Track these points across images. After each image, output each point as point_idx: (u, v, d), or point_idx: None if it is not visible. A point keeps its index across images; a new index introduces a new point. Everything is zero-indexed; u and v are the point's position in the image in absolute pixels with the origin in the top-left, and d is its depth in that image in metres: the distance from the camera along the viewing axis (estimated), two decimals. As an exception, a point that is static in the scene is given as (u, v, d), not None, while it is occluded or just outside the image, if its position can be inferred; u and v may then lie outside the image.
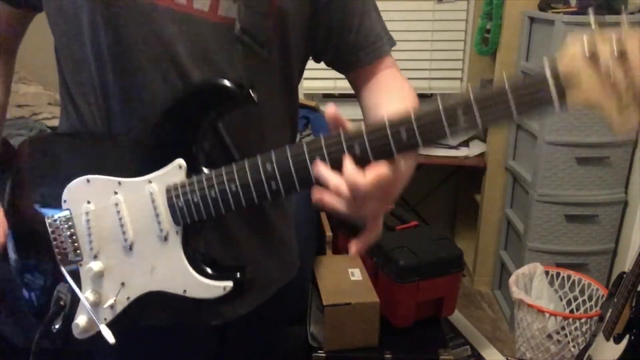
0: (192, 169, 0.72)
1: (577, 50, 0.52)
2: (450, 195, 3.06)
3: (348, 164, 0.61)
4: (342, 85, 2.77)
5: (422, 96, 2.86)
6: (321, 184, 0.62)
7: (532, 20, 2.22)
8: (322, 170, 0.62)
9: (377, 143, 0.61)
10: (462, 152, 2.56)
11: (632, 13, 1.90)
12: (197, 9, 0.74)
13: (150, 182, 0.73)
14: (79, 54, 0.76)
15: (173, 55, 0.74)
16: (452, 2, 2.69)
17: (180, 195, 0.71)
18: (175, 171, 0.72)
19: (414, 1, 2.68)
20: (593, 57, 0.50)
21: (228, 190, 0.68)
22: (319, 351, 1.75)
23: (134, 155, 0.75)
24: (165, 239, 0.73)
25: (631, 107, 0.50)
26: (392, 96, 0.84)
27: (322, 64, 0.93)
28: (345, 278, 1.86)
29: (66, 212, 0.77)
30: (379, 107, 0.82)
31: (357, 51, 0.87)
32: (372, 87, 0.88)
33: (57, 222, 0.78)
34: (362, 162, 0.61)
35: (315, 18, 0.83)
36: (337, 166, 0.62)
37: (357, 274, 1.89)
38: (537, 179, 2.10)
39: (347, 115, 0.65)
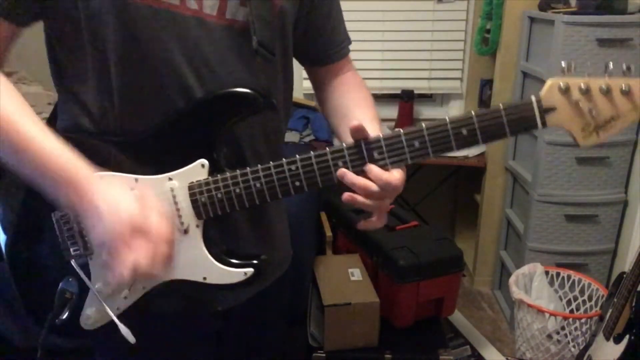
0: (214, 169, 0.79)
1: (555, 85, 0.71)
2: (450, 195, 3.06)
3: (375, 167, 0.76)
4: (342, 85, 2.77)
5: (422, 96, 2.86)
6: (345, 184, 0.76)
7: (532, 20, 2.22)
8: (349, 173, 0.76)
9: (395, 149, 0.76)
10: (462, 152, 2.56)
11: (632, 13, 1.91)
12: (207, 13, 0.78)
13: (170, 179, 0.78)
14: (94, 59, 0.78)
15: (189, 58, 0.78)
16: (452, 2, 2.69)
17: (205, 192, 0.78)
18: (197, 170, 0.78)
19: (414, 1, 2.68)
20: (567, 91, 0.70)
21: (253, 188, 0.77)
22: (319, 351, 1.75)
23: (151, 154, 0.79)
24: (186, 231, 0.79)
25: (593, 134, 0.72)
26: (363, 104, 0.96)
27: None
28: (345, 278, 1.87)
29: None
30: (350, 111, 0.94)
31: (327, 50, 0.97)
32: (339, 87, 0.99)
33: (65, 217, 0.80)
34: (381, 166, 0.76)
35: (299, 15, 0.90)
36: (357, 169, 0.76)
37: (357, 274, 1.89)
38: (537, 179, 2.11)
39: None
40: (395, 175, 0.76)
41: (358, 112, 0.92)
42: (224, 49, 0.80)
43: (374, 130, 0.79)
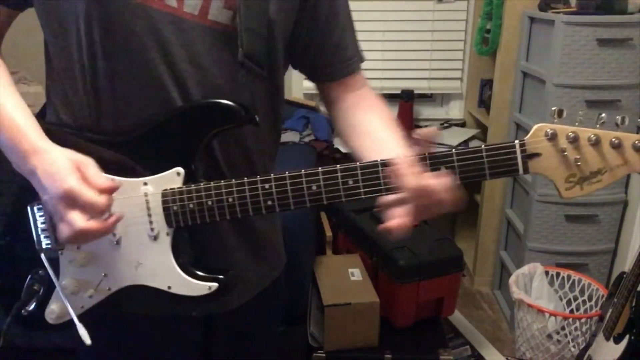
0: (189, 178, 0.77)
1: (542, 130, 0.67)
2: (450, 195, 3.06)
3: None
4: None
5: (421, 96, 2.86)
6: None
7: (532, 20, 2.22)
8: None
9: (370, 179, 0.72)
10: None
11: (632, 13, 1.91)
12: (187, 12, 0.76)
13: (145, 184, 0.77)
14: (71, 52, 0.77)
15: (165, 56, 0.76)
16: (452, 2, 2.69)
17: (177, 201, 0.76)
18: (172, 177, 0.77)
19: (414, 1, 2.69)
20: (553, 138, 0.67)
21: (225, 202, 0.75)
22: (319, 351, 1.75)
23: (128, 156, 0.78)
24: (155, 238, 0.78)
25: (577, 186, 0.68)
26: (387, 131, 0.88)
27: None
28: (345, 278, 1.87)
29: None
30: (375, 134, 0.87)
31: (334, 65, 0.91)
32: (354, 106, 0.92)
33: (37, 210, 0.80)
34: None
35: (298, 30, 0.86)
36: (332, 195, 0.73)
37: (357, 274, 1.89)
38: (537, 179, 2.10)
39: None
40: (436, 179, 0.68)
41: (386, 133, 0.86)
42: (202, 50, 0.78)
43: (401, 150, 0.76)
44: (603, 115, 0.67)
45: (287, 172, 0.74)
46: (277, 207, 0.75)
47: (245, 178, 0.75)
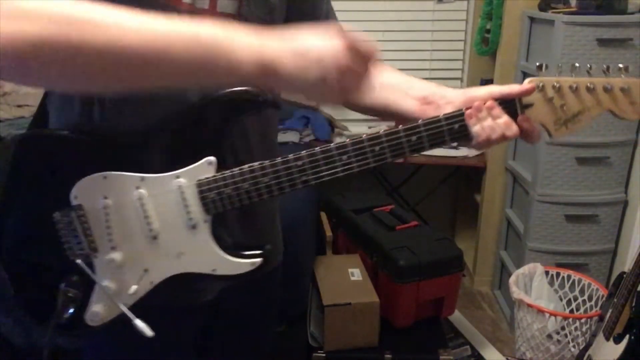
0: (221, 166, 0.81)
1: (532, 84, 0.80)
2: (450, 195, 3.06)
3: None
4: (342, 85, 2.77)
5: (422, 96, 2.86)
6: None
7: (532, 20, 2.22)
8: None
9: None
10: (462, 152, 2.56)
11: (632, 13, 1.91)
12: (200, 7, 0.78)
13: (178, 177, 0.80)
14: None
15: None
16: (452, 2, 2.69)
17: (214, 189, 0.80)
18: (204, 167, 0.80)
19: (414, 1, 2.68)
20: (542, 89, 0.80)
21: (261, 183, 0.80)
22: (319, 351, 1.75)
23: (154, 153, 0.81)
24: (194, 227, 0.81)
25: (563, 126, 0.80)
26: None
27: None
28: (345, 278, 1.86)
29: (76, 207, 0.80)
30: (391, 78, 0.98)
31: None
32: None
33: (68, 217, 0.80)
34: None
35: (292, 7, 0.91)
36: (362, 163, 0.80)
37: (357, 274, 1.89)
38: (537, 179, 2.11)
39: (346, 114, 0.69)
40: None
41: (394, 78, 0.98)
42: None
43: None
44: (577, 63, 0.80)
45: (318, 148, 0.79)
46: (312, 180, 0.80)
47: (279, 158, 0.79)
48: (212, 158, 0.80)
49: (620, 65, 0.79)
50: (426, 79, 1.04)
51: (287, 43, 0.69)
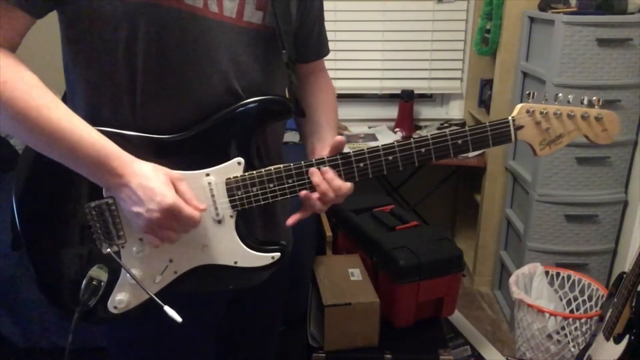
0: (248, 166, 0.88)
1: (524, 108, 0.92)
2: (450, 195, 3.07)
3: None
4: (342, 85, 2.77)
5: (422, 96, 2.86)
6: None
7: (532, 20, 2.22)
8: (317, 174, 0.90)
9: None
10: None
11: (632, 13, 1.91)
12: (227, 16, 0.84)
13: (208, 175, 0.87)
14: (114, 57, 0.81)
15: (211, 57, 0.83)
16: (452, 2, 2.69)
17: (241, 187, 0.87)
18: (233, 167, 0.88)
19: (414, 1, 2.69)
20: (532, 114, 0.92)
21: (286, 184, 0.89)
22: (319, 351, 1.75)
23: (185, 152, 0.86)
24: (220, 222, 0.88)
25: (547, 147, 0.94)
26: (331, 110, 1.10)
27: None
28: (345, 278, 1.86)
29: (109, 199, 0.84)
30: (322, 116, 1.07)
31: (312, 49, 1.08)
32: (314, 88, 1.10)
33: (99, 209, 0.84)
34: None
35: (302, 18, 0.99)
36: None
37: (357, 274, 1.89)
38: (537, 179, 2.11)
39: (346, 114, 0.69)
40: (347, 185, 0.92)
41: (324, 117, 1.06)
42: (240, 49, 0.86)
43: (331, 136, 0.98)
44: (560, 94, 0.93)
45: (338, 155, 0.90)
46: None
47: (302, 162, 0.89)
48: (240, 159, 0.87)
49: (594, 98, 0.92)
50: (426, 79, 1.15)
51: (138, 180, 0.79)
